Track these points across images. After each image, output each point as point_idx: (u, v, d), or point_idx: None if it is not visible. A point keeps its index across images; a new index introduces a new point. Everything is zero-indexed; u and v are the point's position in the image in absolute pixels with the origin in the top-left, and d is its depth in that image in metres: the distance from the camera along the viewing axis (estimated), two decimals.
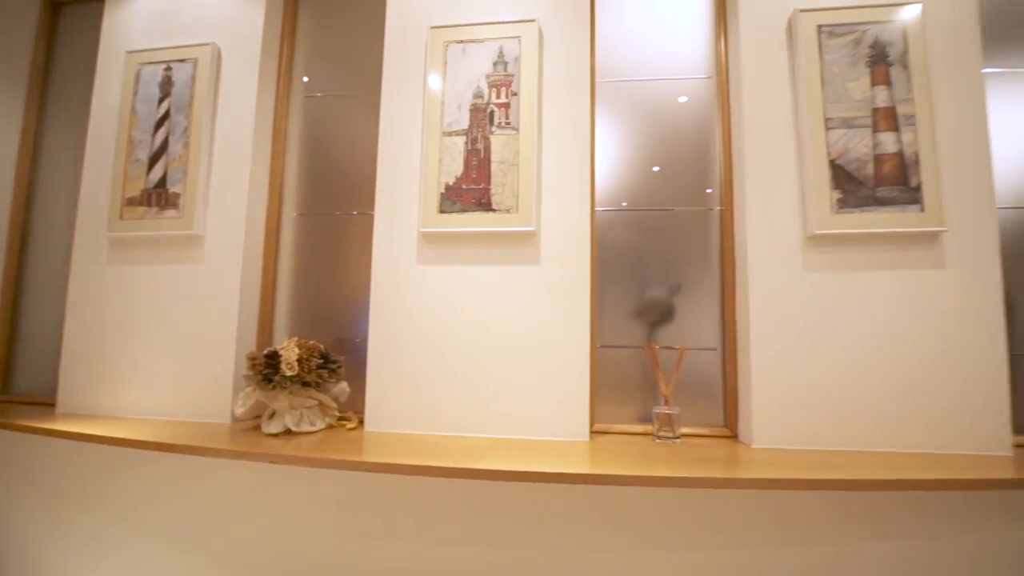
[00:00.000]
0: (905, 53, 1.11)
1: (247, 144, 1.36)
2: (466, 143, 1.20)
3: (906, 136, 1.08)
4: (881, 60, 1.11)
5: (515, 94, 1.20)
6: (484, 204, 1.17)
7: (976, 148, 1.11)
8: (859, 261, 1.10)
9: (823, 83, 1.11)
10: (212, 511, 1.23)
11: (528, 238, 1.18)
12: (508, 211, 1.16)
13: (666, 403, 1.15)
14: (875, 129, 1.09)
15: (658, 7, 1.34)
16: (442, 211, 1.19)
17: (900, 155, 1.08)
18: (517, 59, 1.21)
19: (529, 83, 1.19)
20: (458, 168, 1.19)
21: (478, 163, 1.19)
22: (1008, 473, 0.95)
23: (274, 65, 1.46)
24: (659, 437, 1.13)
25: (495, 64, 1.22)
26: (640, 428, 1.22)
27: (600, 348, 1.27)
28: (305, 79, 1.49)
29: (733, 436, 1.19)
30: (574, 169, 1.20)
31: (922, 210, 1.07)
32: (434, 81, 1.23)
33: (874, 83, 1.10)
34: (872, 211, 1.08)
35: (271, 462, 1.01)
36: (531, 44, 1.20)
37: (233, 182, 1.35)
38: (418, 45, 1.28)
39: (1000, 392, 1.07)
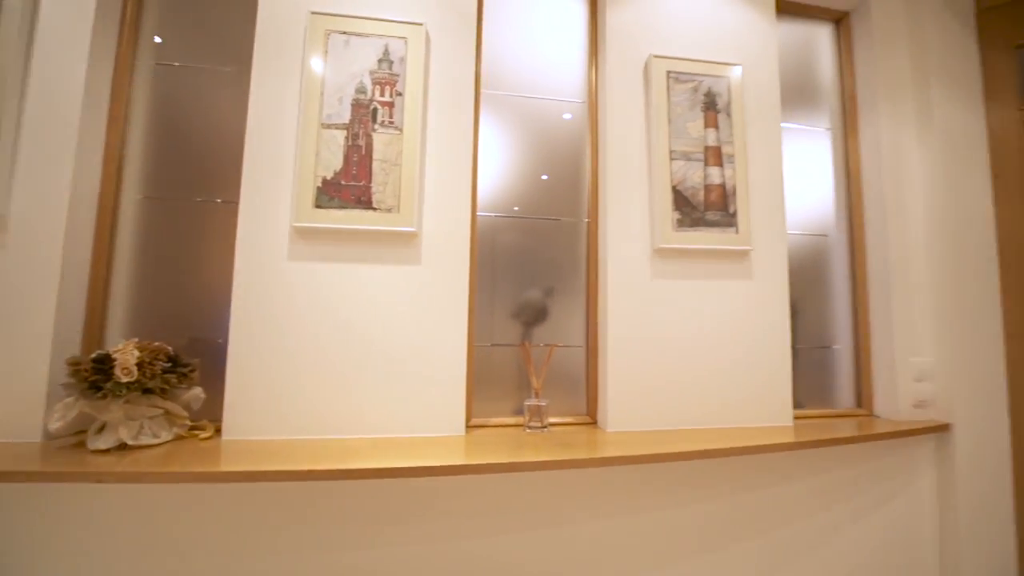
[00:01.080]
0: (729, 104, 1.36)
1: (73, 107, 1.14)
2: (347, 138, 1.17)
3: (727, 171, 1.33)
4: (712, 107, 1.35)
5: (400, 94, 1.20)
6: (364, 202, 1.16)
7: (774, 185, 1.41)
8: (692, 271, 1.33)
9: (669, 120, 1.32)
10: (29, 548, 1.02)
11: (409, 238, 1.19)
12: (389, 210, 1.16)
13: (536, 396, 1.25)
14: (706, 163, 1.32)
15: (540, 32, 1.45)
16: (318, 206, 1.14)
17: (723, 186, 1.33)
18: (403, 60, 1.21)
19: (415, 85, 1.21)
20: (337, 163, 1.16)
21: (359, 159, 1.16)
22: (790, 438, 1.23)
23: (115, 17, 1.25)
24: (529, 427, 1.23)
25: (380, 61, 1.21)
26: (514, 420, 1.32)
27: (482, 347, 1.33)
28: (157, 39, 1.30)
29: (593, 423, 1.35)
30: (457, 173, 1.24)
31: (737, 232, 1.33)
32: (314, 70, 1.17)
33: (707, 125, 1.34)
34: (702, 230, 1.31)
35: (98, 482, 0.88)
36: (418, 47, 1.22)
37: (53, 151, 1.12)
38: (296, 28, 1.21)
39: (786, 377, 1.38)
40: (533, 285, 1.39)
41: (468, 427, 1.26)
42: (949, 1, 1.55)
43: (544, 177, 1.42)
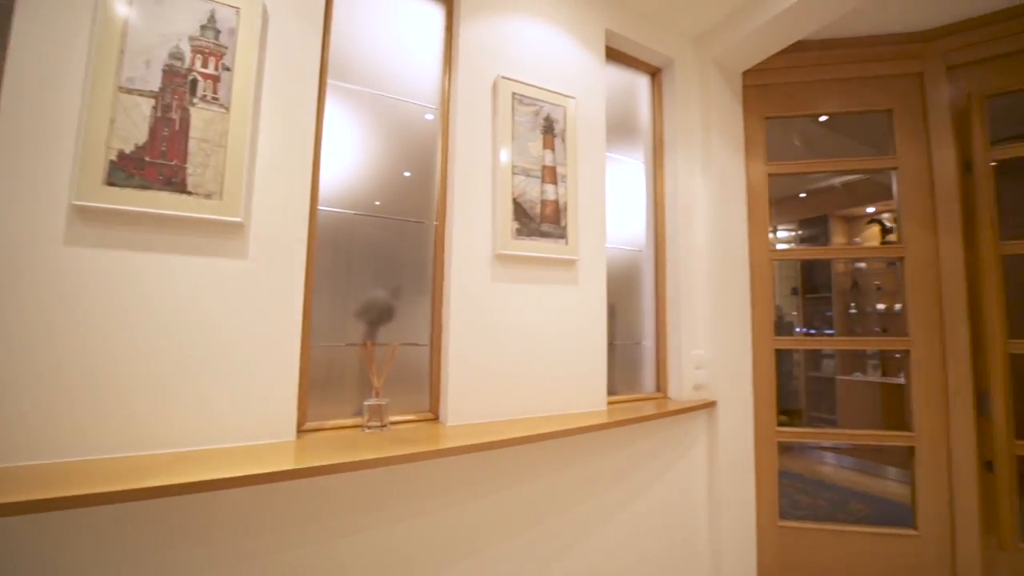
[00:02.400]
0: (564, 130, 1.54)
1: None
2: (155, 108, 1.01)
3: (561, 189, 1.51)
4: (550, 131, 1.52)
5: (227, 69, 1.09)
6: (176, 184, 1.02)
7: (598, 205, 1.64)
8: (527, 276, 1.47)
9: (513, 138, 1.44)
10: None
11: (234, 229, 1.09)
12: (209, 196, 1.04)
13: (376, 396, 1.25)
14: (543, 180, 1.48)
15: (400, 34, 1.45)
16: (111, 183, 0.97)
17: (557, 202, 1.50)
18: (233, 32, 1.10)
19: (247, 61, 1.10)
20: (140, 136, 0.99)
21: (171, 135, 1.02)
22: (603, 419, 1.45)
23: None
24: (368, 427, 1.23)
25: (204, 28, 1.07)
26: (354, 422, 1.29)
27: (335, 347, 1.27)
28: None
29: (436, 419, 1.40)
30: (296, 163, 1.17)
31: (566, 243, 1.51)
32: (114, 12, 0.99)
33: (544, 147, 1.50)
34: (538, 240, 1.46)
35: None
36: (252, 21, 1.12)
37: None
38: None
39: (602, 369, 1.62)
40: (387, 284, 1.38)
41: (301, 431, 1.20)
42: (727, 77, 2.00)
43: (407, 174, 1.42)
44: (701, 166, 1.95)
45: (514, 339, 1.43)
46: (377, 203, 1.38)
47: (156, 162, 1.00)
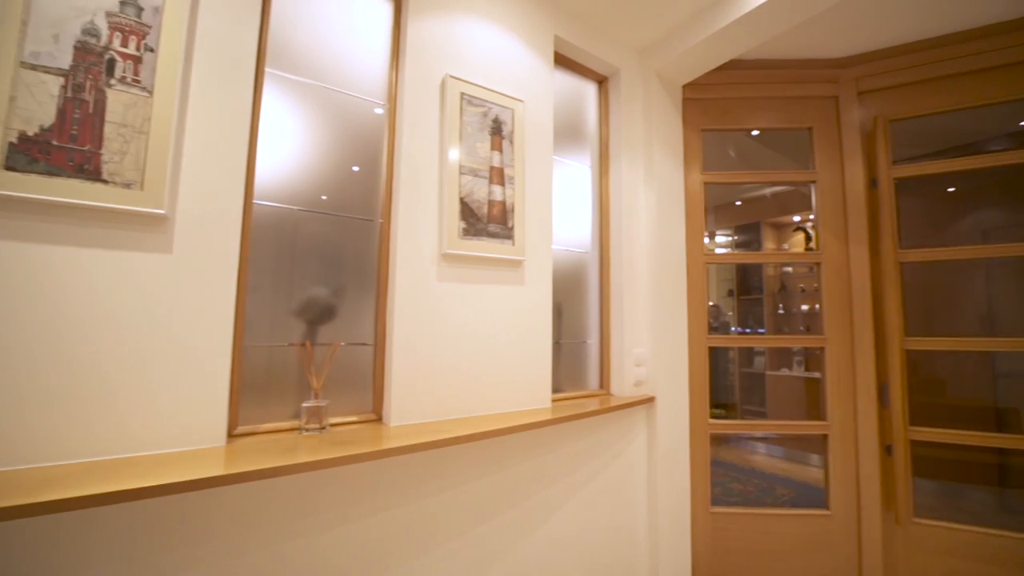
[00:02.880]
0: (512, 132, 1.57)
1: None
2: (64, 88, 0.93)
3: (508, 191, 1.54)
4: (498, 133, 1.53)
5: (151, 50, 1.02)
6: (89, 172, 0.94)
7: (544, 207, 1.68)
8: (474, 276, 1.48)
9: (461, 138, 1.45)
10: None
11: (157, 222, 1.02)
12: (128, 186, 0.97)
13: (316, 397, 1.21)
14: (491, 181, 1.50)
15: (346, 26, 1.41)
16: (10, 167, 0.88)
17: (504, 203, 1.52)
18: (158, 10, 1.03)
19: (173, 43, 1.04)
20: (46, 117, 0.91)
21: (83, 119, 0.94)
22: (548, 416, 1.48)
23: None
24: (306, 430, 1.19)
25: (124, 4, 1.00)
26: (291, 424, 1.24)
27: (277, 347, 1.21)
28: None
29: (379, 419, 1.37)
30: (228, 154, 1.12)
31: (513, 244, 1.54)
32: None
33: (493, 148, 1.51)
34: (485, 240, 1.47)
35: None
36: (181, 0, 1.05)
37: None
38: None
39: (547, 367, 1.65)
40: (331, 282, 1.34)
41: (232, 436, 1.14)
42: (668, 89, 2.10)
43: (355, 169, 1.39)
44: (644, 173, 2.04)
45: (460, 338, 1.44)
46: (324, 197, 1.34)
47: (65, 147, 0.92)
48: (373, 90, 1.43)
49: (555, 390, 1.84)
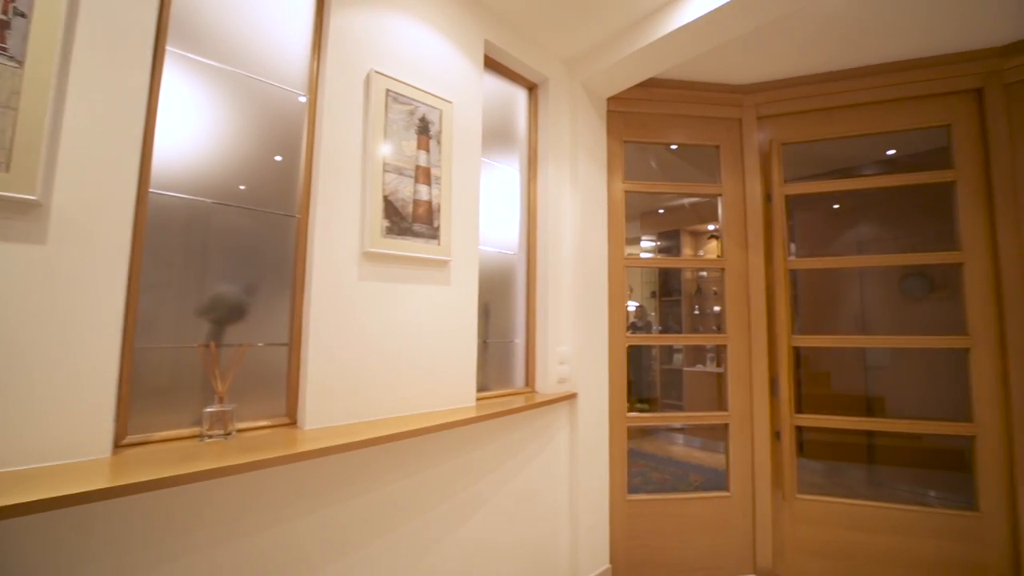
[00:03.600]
0: (440, 132, 1.57)
1: None
2: None
3: (435, 191, 1.54)
4: (425, 132, 1.53)
5: (21, 14, 0.90)
6: None
7: (472, 208, 1.70)
8: (398, 275, 1.47)
9: (386, 135, 1.43)
10: None
11: (27, 208, 0.91)
12: None
13: (220, 401, 1.14)
14: (416, 180, 1.50)
15: (266, 12, 1.34)
16: None
17: (430, 203, 1.53)
18: None
19: (50, 9, 0.93)
20: None
21: None
22: (472, 414, 1.51)
23: None
24: (208, 436, 1.12)
25: None
26: (192, 431, 1.16)
27: (184, 348, 1.12)
28: None
29: (292, 423, 1.32)
30: (120, 138, 1.02)
31: (439, 244, 1.54)
32: None
33: (419, 147, 1.51)
34: (409, 239, 1.47)
35: None
36: None
37: None
38: None
39: (471, 367, 1.68)
40: (245, 279, 1.26)
41: (120, 446, 1.04)
42: (593, 100, 2.21)
43: (278, 159, 1.32)
44: (570, 179, 2.14)
45: (382, 338, 1.42)
46: (243, 187, 1.26)
47: None
48: (294, 79, 1.37)
49: (481, 389, 1.87)
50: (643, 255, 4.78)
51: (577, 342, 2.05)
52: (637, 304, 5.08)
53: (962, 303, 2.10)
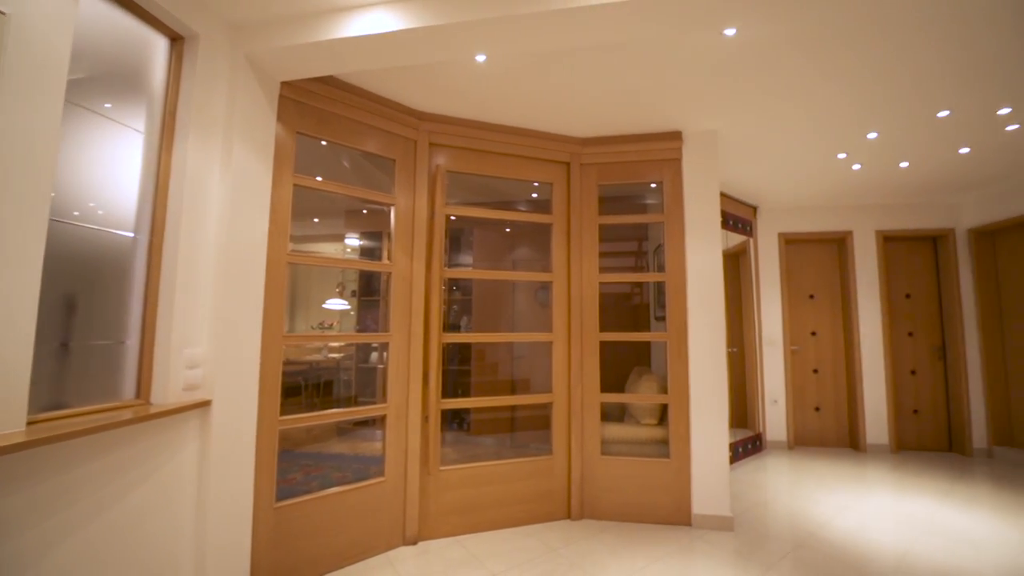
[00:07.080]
0: None
1: None
2: None
3: None
4: None
5: None
6: None
7: (30, 160, 1.27)
8: None
9: None
10: None
11: None
12: None
13: None
14: None
15: None
16: None
17: None
18: None
19: None
20: None
21: None
22: (16, 440, 1.10)
23: None
24: None
25: None
26: None
27: None
28: None
29: None
30: None
31: None
32: None
33: None
34: None
35: None
36: None
37: None
38: None
39: (21, 382, 1.25)
40: None
41: None
42: (261, 79, 2.04)
43: None
44: (220, 159, 1.89)
45: None
46: None
47: None
48: None
49: (59, 406, 1.42)
50: (347, 253, 4.74)
51: (217, 343, 1.83)
52: (345, 303, 4.99)
53: (550, 311, 2.98)
